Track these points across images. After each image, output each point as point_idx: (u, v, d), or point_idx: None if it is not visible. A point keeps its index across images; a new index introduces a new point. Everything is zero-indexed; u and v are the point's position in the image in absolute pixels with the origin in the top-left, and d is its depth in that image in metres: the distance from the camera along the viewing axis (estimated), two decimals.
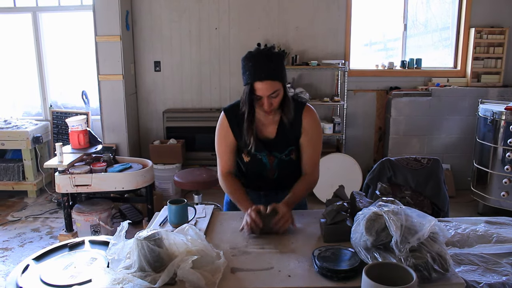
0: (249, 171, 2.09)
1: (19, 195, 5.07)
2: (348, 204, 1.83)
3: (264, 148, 2.02)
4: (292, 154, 2.05)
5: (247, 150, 2.04)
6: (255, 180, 2.10)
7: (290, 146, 2.04)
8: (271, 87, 1.84)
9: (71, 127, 3.77)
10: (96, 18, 4.70)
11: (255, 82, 1.84)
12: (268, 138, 2.04)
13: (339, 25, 5.04)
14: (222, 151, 2.08)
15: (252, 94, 1.88)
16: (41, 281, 1.61)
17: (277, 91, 1.86)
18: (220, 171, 2.09)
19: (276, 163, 2.05)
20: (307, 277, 1.47)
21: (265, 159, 2.04)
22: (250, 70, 1.85)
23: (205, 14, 5.09)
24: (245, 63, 1.87)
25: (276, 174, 2.08)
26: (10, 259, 3.62)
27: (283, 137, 2.03)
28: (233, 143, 2.05)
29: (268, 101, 1.87)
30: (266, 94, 1.85)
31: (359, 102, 5.17)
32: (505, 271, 1.62)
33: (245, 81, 1.88)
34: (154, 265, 1.43)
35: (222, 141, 2.07)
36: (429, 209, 2.46)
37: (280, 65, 1.88)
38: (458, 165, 5.02)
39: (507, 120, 3.99)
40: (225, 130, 2.05)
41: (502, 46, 4.88)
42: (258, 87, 1.84)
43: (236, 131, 2.03)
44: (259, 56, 1.85)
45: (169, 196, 4.81)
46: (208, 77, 5.23)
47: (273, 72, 1.84)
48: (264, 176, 2.08)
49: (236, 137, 2.04)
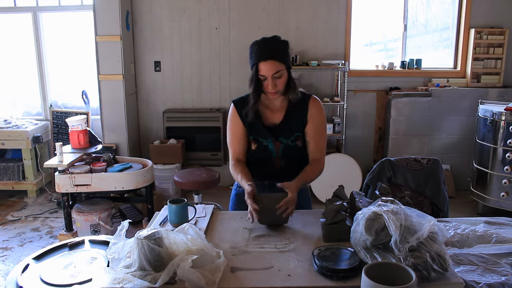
0: (256, 159, 2.14)
1: (19, 194, 5.07)
2: (348, 204, 1.83)
3: (271, 134, 2.08)
4: (298, 141, 2.11)
5: (254, 137, 2.10)
6: (261, 170, 2.13)
7: (296, 132, 2.09)
8: (274, 67, 1.94)
9: (71, 126, 3.77)
10: (96, 18, 4.70)
11: (259, 62, 1.95)
12: (275, 123, 2.11)
13: (339, 25, 5.04)
14: (232, 140, 2.15)
15: (257, 75, 1.98)
16: (41, 281, 1.61)
17: (280, 71, 1.96)
18: (231, 159, 2.15)
19: (282, 149, 2.09)
20: (307, 276, 1.48)
21: (271, 145, 2.09)
22: (256, 52, 1.98)
23: (205, 14, 5.10)
24: (252, 48, 2.01)
25: (282, 163, 2.11)
26: (10, 258, 3.63)
27: (290, 123, 2.10)
28: (243, 130, 2.12)
29: (272, 82, 1.96)
30: (270, 74, 1.94)
31: (359, 102, 5.17)
32: (504, 271, 1.63)
33: (251, 63, 2.00)
34: (154, 264, 1.43)
35: (232, 130, 2.14)
36: (428, 209, 2.46)
37: (284, 49, 2.00)
38: (457, 166, 5.02)
39: (507, 120, 3.99)
40: (235, 119, 2.13)
41: (502, 46, 4.88)
42: (262, 67, 1.95)
43: (245, 119, 2.10)
44: (265, 41, 2.00)
45: (169, 196, 4.81)
46: (208, 77, 5.24)
47: (276, 54, 1.96)
48: (270, 164, 2.12)
49: (246, 124, 2.11)
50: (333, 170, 4.48)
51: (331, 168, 4.49)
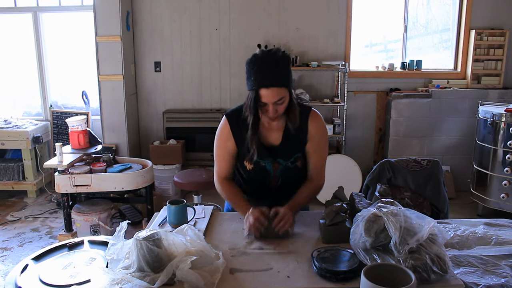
0: (252, 179, 2.03)
1: (19, 195, 5.07)
2: (348, 205, 1.83)
3: (269, 155, 1.96)
4: (298, 162, 1.99)
5: (249, 158, 1.97)
6: (257, 188, 2.04)
7: (296, 153, 1.98)
8: (277, 94, 1.78)
9: (71, 127, 3.77)
10: (96, 18, 4.70)
11: (260, 88, 1.77)
12: (273, 144, 1.98)
13: (339, 26, 5.04)
14: (221, 157, 2.01)
15: (257, 101, 1.81)
16: (40, 281, 1.61)
17: (283, 97, 1.80)
18: (216, 176, 2.04)
19: (281, 170, 1.99)
20: (306, 278, 1.47)
21: (269, 166, 1.98)
22: (255, 75, 1.77)
23: (205, 15, 5.10)
24: (250, 67, 1.80)
25: (279, 182, 2.02)
26: (9, 258, 3.62)
27: (289, 144, 1.97)
28: (233, 149, 1.99)
29: (273, 108, 1.81)
30: (272, 101, 1.79)
31: (359, 103, 5.17)
32: (504, 273, 1.62)
33: (250, 86, 1.81)
34: (153, 265, 1.43)
35: (222, 147, 2.00)
36: (428, 210, 2.46)
37: (286, 70, 1.81)
38: (458, 167, 5.02)
39: (507, 122, 3.99)
40: (226, 136, 1.98)
41: (502, 48, 4.88)
42: (264, 94, 1.78)
43: (237, 137, 1.97)
44: (265, 61, 1.78)
45: (169, 196, 4.81)
46: (208, 77, 5.24)
47: (280, 78, 1.78)
48: (267, 184, 2.02)
49: (237, 143, 1.98)
50: (333, 171, 4.45)
51: (331, 169, 4.47)
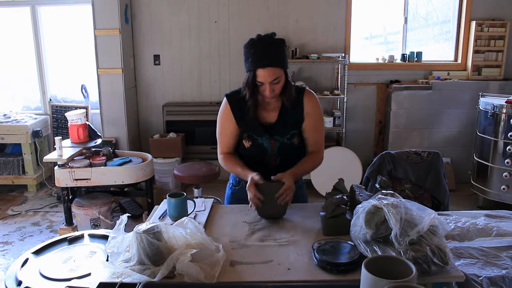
0: (251, 157, 2.09)
1: (19, 189, 5.07)
2: (348, 197, 1.82)
3: (265, 132, 2.04)
4: (294, 139, 2.06)
5: (248, 135, 2.06)
6: (257, 167, 2.07)
7: (292, 130, 2.05)
8: (273, 73, 1.88)
9: (70, 121, 3.76)
10: (95, 12, 4.68)
11: (257, 69, 1.88)
12: (270, 122, 2.06)
13: (339, 18, 5.01)
14: (223, 135, 2.11)
15: (254, 81, 1.91)
16: (40, 275, 1.61)
17: (279, 77, 1.90)
18: (219, 152, 2.13)
19: (278, 147, 2.05)
20: (306, 270, 1.47)
21: (266, 143, 2.05)
22: (253, 57, 1.89)
23: (204, 7, 5.06)
24: (247, 50, 1.92)
25: (278, 160, 2.07)
26: (10, 253, 3.63)
27: (285, 121, 2.05)
28: (234, 127, 2.08)
29: (270, 87, 1.90)
30: (268, 81, 1.89)
31: (359, 96, 5.15)
32: (505, 265, 1.62)
33: (247, 68, 1.92)
34: (153, 258, 1.43)
35: (223, 125, 2.10)
36: (429, 202, 2.46)
37: (281, 51, 1.92)
38: (458, 159, 5.01)
39: (507, 113, 3.98)
40: (227, 115, 2.08)
41: (503, 39, 4.85)
42: (260, 74, 1.88)
43: (237, 115, 2.06)
44: (261, 43, 1.90)
45: (169, 190, 4.81)
46: (208, 70, 5.22)
47: (275, 59, 1.88)
48: (266, 163, 2.07)
49: (238, 121, 2.06)
50: (333, 164, 4.47)
51: (331, 162, 4.50)
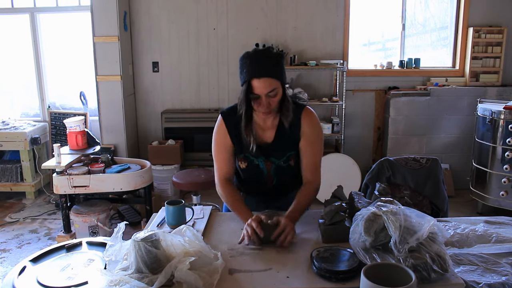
0: (247, 178, 2.04)
1: (17, 196, 5.06)
2: (347, 205, 1.82)
3: (261, 153, 1.95)
4: (291, 161, 1.98)
5: (244, 156, 1.97)
6: (253, 187, 2.04)
7: (289, 151, 1.97)
8: (269, 84, 1.77)
9: (69, 128, 3.75)
10: (94, 19, 4.69)
11: (252, 79, 1.76)
12: (266, 142, 1.96)
13: (337, 25, 5.04)
14: (219, 156, 1.99)
15: (249, 93, 1.80)
16: (37, 283, 1.60)
17: (275, 89, 1.79)
18: (217, 177, 2.00)
19: (274, 169, 1.98)
20: (305, 278, 1.46)
21: (262, 165, 1.97)
22: (248, 67, 1.78)
23: (203, 15, 5.08)
24: (243, 62, 1.81)
25: (275, 181, 2.01)
26: (8, 260, 3.61)
27: (282, 142, 1.95)
28: (230, 147, 1.98)
29: (266, 101, 1.79)
30: (264, 92, 1.77)
31: (357, 102, 5.16)
32: (504, 271, 1.62)
33: (242, 79, 1.81)
34: (151, 266, 1.42)
35: (219, 145, 1.99)
36: (428, 209, 2.45)
37: (279, 63, 1.82)
38: (457, 165, 5.01)
39: (506, 119, 3.99)
40: (222, 134, 1.97)
41: (500, 45, 4.88)
42: (256, 85, 1.77)
43: (233, 134, 1.96)
44: (257, 55, 1.80)
45: (168, 197, 4.80)
46: (207, 77, 5.22)
47: (271, 70, 1.77)
48: (262, 183, 2.02)
49: (233, 140, 1.97)
50: (332, 170, 4.47)
51: (329, 168, 4.50)
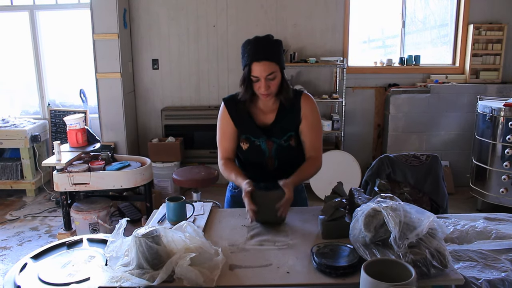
0: (248, 159, 2.10)
1: (18, 194, 5.06)
2: (347, 201, 1.83)
3: (262, 133, 2.04)
4: (291, 140, 2.05)
5: (245, 137, 2.06)
6: (254, 170, 2.08)
7: (289, 131, 2.05)
8: (268, 68, 1.88)
9: (69, 125, 3.76)
10: (93, 16, 4.69)
11: (252, 63, 1.89)
12: (267, 123, 2.06)
13: (337, 22, 5.03)
14: (222, 139, 2.11)
15: (249, 76, 1.92)
16: (39, 280, 1.61)
17: (274, 72, 1.90)
18: (219, 158, 2.13)
19: (275, 149, 2.05)
20: (305, 273, 1.47)
21: (264, 145, 2.05)
22: (249, 52, 1.91)
23: (203, 12, 5.08)
24: (244, 47, 1.94)
25: (276, 163, 2.07)
26: (8, 258, 3.62)
27: (282, 123, 2.05)
28: (233, 130, 2.07)
29: (265, 83, 1.90)
30: (263, 75, 1.88)
31: (357, 99, 5.16)
32: (504, 267, 1.62)
33: (244, 63, 1.94)
34: (152, 262, 1.42)
35: (222, 129, 2.10)
36: (428, 205, 2.46)
37: (277, 49, 1.94)
38: (457, 162, 5.02)
39: (506, 116, 3.99)
40: (225, 119, 2.08)
41: (500, 42, 4.87)
42: (255, 68, 1.89)
43: (235, 118, 2.06)
44: (257, 40, 1.93)
45: (168, 194, 4.80)
46: (206, 74, 5.22)
47: (270, 54, 1.90)
48: (264, 165, 2.07)
49: (236, 123, 2.07)
50: (332, 167, 4.47)
51: (330, 165, 4.50)
